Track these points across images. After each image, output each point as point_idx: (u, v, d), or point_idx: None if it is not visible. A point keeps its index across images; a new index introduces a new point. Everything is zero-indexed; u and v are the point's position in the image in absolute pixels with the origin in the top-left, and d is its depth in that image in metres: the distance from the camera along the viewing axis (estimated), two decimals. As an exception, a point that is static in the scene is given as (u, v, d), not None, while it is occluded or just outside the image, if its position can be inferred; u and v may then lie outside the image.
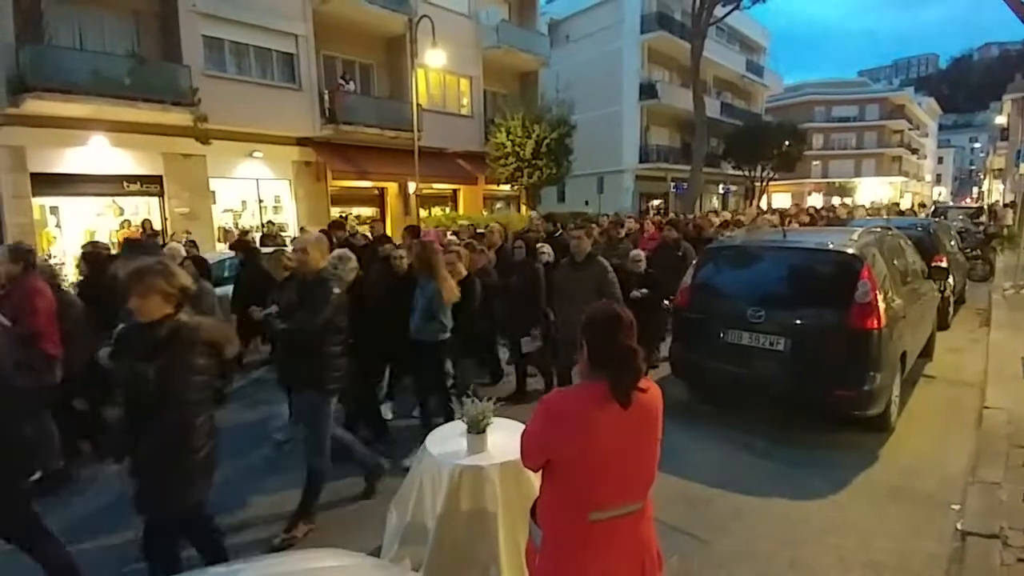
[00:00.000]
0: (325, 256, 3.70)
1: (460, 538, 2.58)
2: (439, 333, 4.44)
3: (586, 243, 5.12)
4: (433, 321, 4.39)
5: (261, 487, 4.16)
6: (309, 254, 3.53)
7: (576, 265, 5.06)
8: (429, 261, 4.45)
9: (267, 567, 1.93)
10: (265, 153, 15.22)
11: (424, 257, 4.52)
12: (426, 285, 4.41)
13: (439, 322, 4.40)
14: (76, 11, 12.33)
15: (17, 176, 11.56)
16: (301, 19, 15.16)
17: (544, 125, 17.45)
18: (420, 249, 4.65)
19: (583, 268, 5.00)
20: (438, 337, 4.44)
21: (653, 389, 1.79)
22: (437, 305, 4.36)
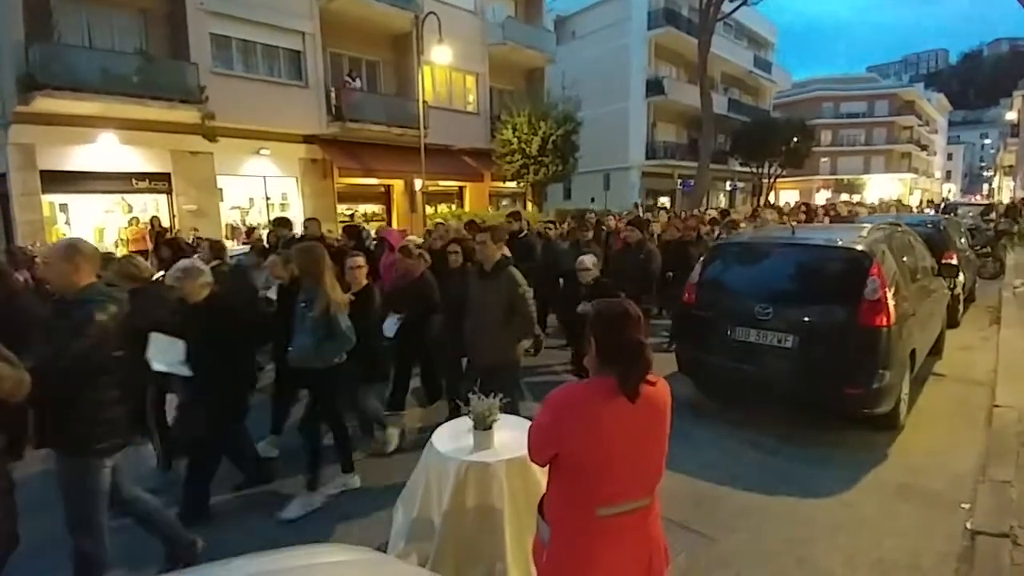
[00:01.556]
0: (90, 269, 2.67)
1: (466, 534, 2.59)
2: (333, 356, 3.70)
3: (493, 249, 4.18)
4: (326, 342, 3.63)
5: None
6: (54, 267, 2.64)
7: (484, 275, 4.19)
8: (313, 267, 3.72)
9: (273, 562, 1.94)
10: (272, 150, 15.28)
11: (308, 262, 3.77)
12: (313, 297, 3.67)
13: (335, 342, 3.65)
14: (85, 9, 12.42)
15: (27, 174, 11.67)
16: (308, 17, 15.19)
17: (550, 122, 17.43)
18: (301, 254, 3.89)
19: (491, 279, 4.13)
20: (332, 361, 3.70)
21: (662, 385, 1.79)
22: (335, 320, 3.62)
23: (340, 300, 3.72)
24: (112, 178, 12.92)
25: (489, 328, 4.00)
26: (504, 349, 4.08)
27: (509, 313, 4.00)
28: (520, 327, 4.07)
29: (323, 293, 3.62)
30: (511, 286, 4.04)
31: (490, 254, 4.17)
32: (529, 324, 4.04)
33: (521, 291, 4.04)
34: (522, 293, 4.04)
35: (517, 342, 4.19)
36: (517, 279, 4.05)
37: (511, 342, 4.11)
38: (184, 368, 3.46)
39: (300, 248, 4.06)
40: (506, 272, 4.10)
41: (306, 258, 3.80)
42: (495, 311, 4.00)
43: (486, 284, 4.13)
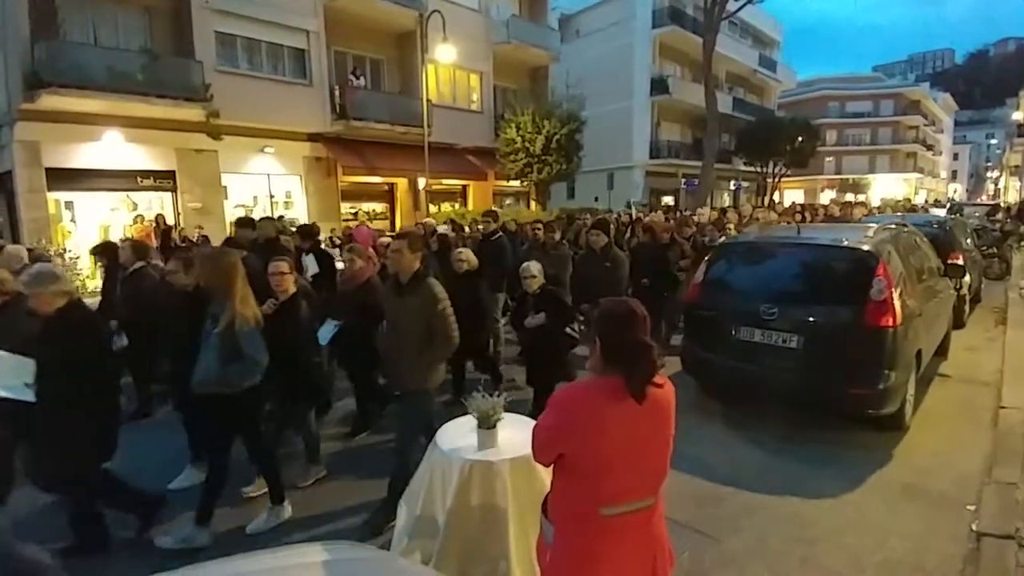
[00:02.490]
0: None
1: (470, 533, 2.59)
2: (241, 380, 3.18)
3: (409, 259, 3.56)
4: (232, 364, 3.14)
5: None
6: None
7: (400, 289, 3.60)
8: (219, 277, 3.23)
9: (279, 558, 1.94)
10: (276, 148, 15.30)
11: (212, 271, 3.28)
12: (220, 312, 3.21)
13: (242, 364, 3.15)
14: (90, 7, 12.45)
15: (32, 171, 11.72)
16: (312, 15, 15.20)
17: (554, 121, 17.40)
18: (205, 262, 3.41)
19: (408, 293, 3.54)
20: (240, 386, 3.18)
21: (667, 385, 1.78)
22: (241, 337, 3.13)
23: (249, 315, 3.22)
24: (117, 176, 12.95)
25: (404, 350, 3.50)
26: (417, 375, 3.51)
27: (428, 333, 3.47)
28: (437, 350, 3.52)
29: (229, 307, 3.17)
30: (429, 302, 3.46)
31: (405, 264, 3.56)
32: (448, 346, 3.50)
33: (440, 308, 3.47)
34: (441, 310, 3.47)
35: (432, 368, 3.57)
36: (436, 293, 3.48)
37: (426, 367, 3.52)
38: (29, 393, 2.94)
39: (205, 255, 3.61)
40: (424, 285, 3.51)
41: (211, 267, 3.30)
42: (411, 330, 3.48)
43: (402, 300, 3.55)
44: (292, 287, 4.01)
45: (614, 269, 5.71)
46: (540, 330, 4.69)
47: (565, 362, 4.80)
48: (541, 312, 4.68)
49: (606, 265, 5.71)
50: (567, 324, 4.70)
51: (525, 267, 4.83)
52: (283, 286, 3.97)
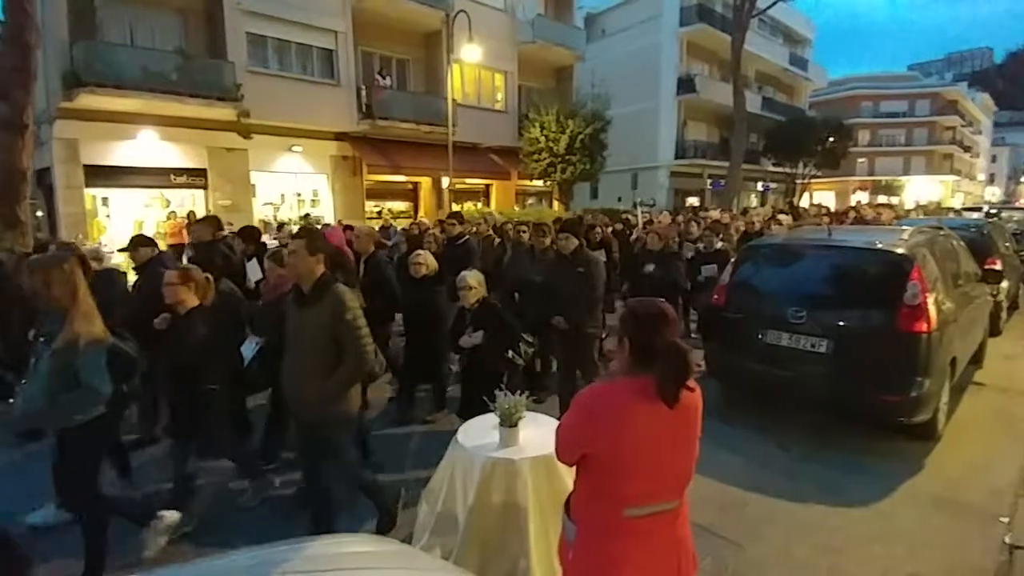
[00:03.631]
0: None
1: (491, 530, 2.60)
2: (74, 413, 2.70)
3: (308, 263, 2.96)
4: (65, 392, 2.65)
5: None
6: None
7: (302, 299, 3.03)
8: (53, 287, 2.71)
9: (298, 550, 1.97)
10: (304, 147, 15.55)
11: (45, 279, 2.73)
12: (59, 327, 2.69)
13: (78, 394, 2.65)
14: (127, 8, 12.83)
15: (71, 167, 12.12)
16: (341, 15, 15.41)
17: (578, 120, 17.33)
18: (36, 267, 2.88)
19: (311, 304, 2.97)
20: (73, 419, 2.71)
21: (696, 388, 1.77)
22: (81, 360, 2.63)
23: (95, 333, 2.71)
24: (151, 173, 13.33)
25: (308, 372, 2.95)
26: (325, 401, 2.92)
27: (335, 347, 2.90)
28: (348, 371, 2.92)
29: (68, 322, 2.67)
30: (335, 312, 2.88)
31: (304, 269, 2.97)
32: (360, 365, 2.93)
33: (350, 318, 2.89)
34: (351, 321, 2.89)
35: (343, 392, 2.97)
36: (344, 301, 2.91)
37: (335, 392, 2.92)
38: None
39: (35, 261, 3.12)
40: (329, 293, 2.93)
41: (44, 274, 2.73)
42: (316, 347, 2.93)
43: (304, 311, 2.98)
44: (192, 300, 3.53)
45: (589, 274, 4.77)
46: (476, 352, 3.99)
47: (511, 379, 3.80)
48: (479, 330, 3.97)
49: (578, 271, 4.77)
50: (508, 346, 3.92)
51: (460, 277, 4.09)
52: (175, 298, 3.48)
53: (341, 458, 3.10)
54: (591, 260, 4.91)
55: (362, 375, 3.03)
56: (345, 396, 3.02)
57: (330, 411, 2.96)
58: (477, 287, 4.08)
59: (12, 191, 7.92)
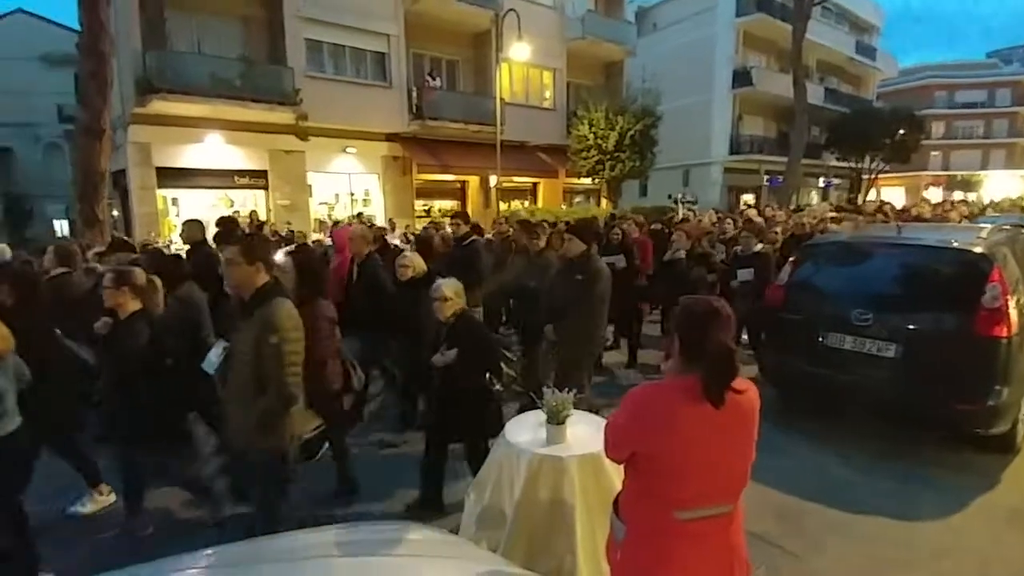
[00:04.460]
0: None
1: (537, 527, 2.59)
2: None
3: (245, 272, 2.65)
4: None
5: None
6: None
7: (243, 311, 2.71)
8: None
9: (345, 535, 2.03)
10: (357, 148, 15.98)
11: None
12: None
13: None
14: (194, 18, 13.52)
15: (144, 170, 12.91)
16: (393, 19, 15.74)
17: (628, 116, 17.06)
18: None
19: (246, 318, 2.66)
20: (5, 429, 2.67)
21: (750, 390, 1.72)
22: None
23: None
24: (216, 175, 14.03)
25: (233, 393, 2.68)
26: (250, 431, 2.60)
27: (260, 364, 2.57)
28: (268, 402, 2.56)
29: None
30: (262, 331, 2.54)
31: (240, 278, 2.65)
32: (280, 399, 2.56)
33: (275, 341, 2.50)
34: (275, 344, 2.51)
35: (268, 425, 2.59)
36: (274, 320, 2.53)
37: (259, 423, 2.58)
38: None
39: None
40: (264, 307, 2.58)
41: None
42: (244, 366, 2.61)
43: (240, 326, 2.68)
44: (131, 304, 3.29)
45: (588, 284, 4.29)
46: (450, 372, 3.42)
47: (479, 418, 3.44)
48: (454, 348, 3.42)
49: (577, 278, 4.30)
50: (485, 367, 3.42)
51: (435, 287, 3.56)
52: (113, 302, 3.27)
53: (265, 495, 2.74)
54: (594, 268, 4.37)
55: (283, 409, 2.59)
56: (271, 427, 2.60)
57: (255, 440, 2.61)
58: (454, 298, 3.47)
59: (92, 192, 8.50)
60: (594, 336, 4.43)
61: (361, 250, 5.09)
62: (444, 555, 1.85)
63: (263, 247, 2.79)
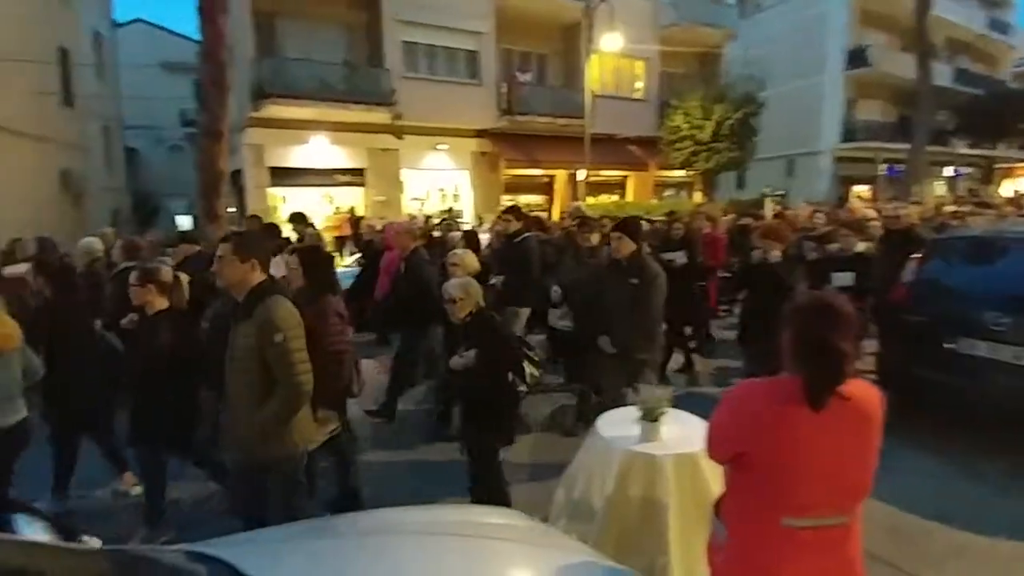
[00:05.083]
0: None
1: (628, 524, 2.55)
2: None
3: (239, 269, 2.52)
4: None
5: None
6: None
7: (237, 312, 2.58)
8: None
9: (445, 514, 2.09)
10: (448, 145, 16.44)
11: None
12: None
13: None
14: (302, 26, 14.50)
15: (258, 170, 14.06)
16: (484, 17, 16.00)
17: (726, 104, 16.24)
18: None
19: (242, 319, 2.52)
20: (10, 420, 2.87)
21: (870, 396, 1.59)
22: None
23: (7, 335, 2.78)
24: (320, 173, 15.01)
25: (235, 399, 2.56)
26: (255, 438, 2.48)
27: (268, 376, 2.44)
28: (280, 403, 2.44)
29: None
30: (264, 330, 2.41)
31: (233, 276, 2.53)
32: (293, 397, 2.44)
33: (279, 340, 2.39)
34: (280, 343, 2.39)
35: (276, 428, 2.47)
36: (274, 319, 2.41)
37: (265, 427, 2.45)
38: None
39: None
40: (263, 307, 2.45)
41: None
42: (245, 369, 2.48)
43: (237, 327, 2.54)
44: (158, 302, 3.31)
45: (644, 287, 3.92)
46: (470, 374, 3.27)
47: (502, 421, 3.27)
48: (473, 349, 3.26)
49: (631, 282, 3.95)
50: (506, 367, 3.25)
51: (444, 288, 3.45)
52: (139, 300, 3.32)
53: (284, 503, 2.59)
54: (647, 269, 3.99)
55: (297, 408, 2.49)
56: (279, 431, 2.48)
57: (261, 448, 2.49)
58: (464, 298, 3.30)
59: (212, 190, 9.32)
60: (654, 342, 4.07)
61: (406, 245, 5.10)
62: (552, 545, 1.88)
63: (259, 244, 2.64)
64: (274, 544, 1.91)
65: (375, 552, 1.78)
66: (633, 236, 4.04)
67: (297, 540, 1.92)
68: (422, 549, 1.76)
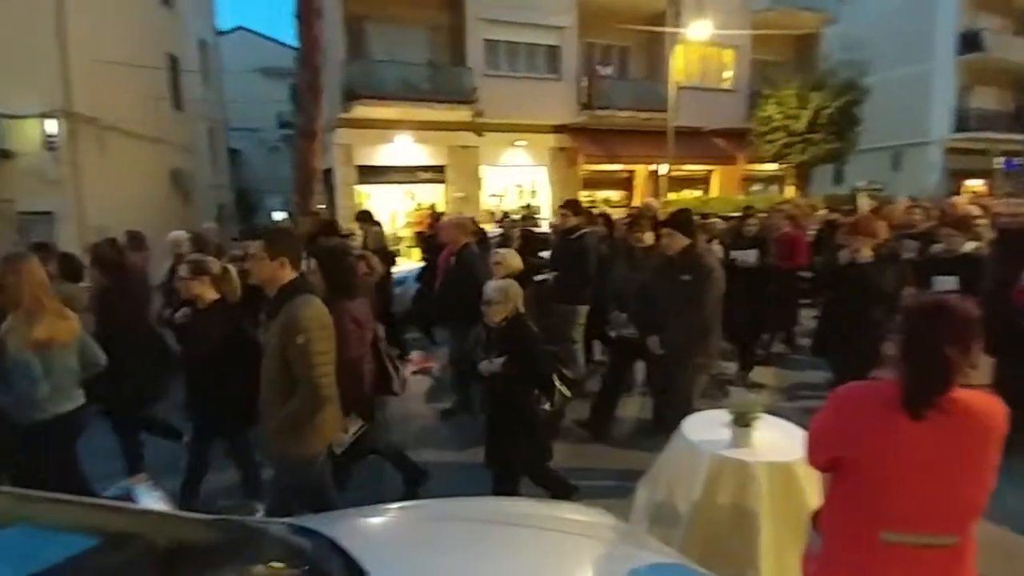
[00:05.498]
0: None
1: (716, 532, 2.46)
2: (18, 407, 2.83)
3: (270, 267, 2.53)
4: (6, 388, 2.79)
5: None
6: None
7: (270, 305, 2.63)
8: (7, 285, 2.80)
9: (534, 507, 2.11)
10: (526, 141, 16.51)
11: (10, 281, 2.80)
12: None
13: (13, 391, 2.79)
14: (389, 28, 15.04)
15: (347, 168, 14.77)
16: (567, 11, 15.90)
17: (825, 92, 15.20)
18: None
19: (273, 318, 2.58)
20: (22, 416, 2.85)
21: (989, 407, 1.47)
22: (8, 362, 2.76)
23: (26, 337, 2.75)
24: (403, 171, 15.55)
25: (264, 395, 2.60)
26: (279, 435, 2.52)
27: (289, 377, 2.46)
28: (299, 405, 2.45)
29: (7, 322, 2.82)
30: (287, 331, 2.43)
31: (264, 275, 2.56)
32: (312, 399, 2.45)
33: (301, 341, 2.39)
34: (302, 345, 2.39)
35: (298, 428, 2.50)
36: (299, 320, 2.42)
37: (287, 426, 2.49)
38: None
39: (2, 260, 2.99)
40: (289, 306, 2.47)
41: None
42: (271, 367, 2.53)
43: (269, 325, 2.62)
44: (209, 294, 3.34)
45: (697, 284, 3.66)
46: (498, 381, 3.18)
47: (532, 432, 3.15)
48: (503, 355, 3.14)
49: (683, 279, 3.69)
50: (533, 380, 3.12)
51: (485, 289, 3.32)
52: (191, 293, 3.37)
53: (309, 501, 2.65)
54: (701, 265, 3.71)
55: (315, 411, 2.49)
56: (301, 431, 2.51)
57: (285, 445, 2.53)
58: (502, 301, 3.18)
59: (307, 187, 9.88)
60: (706, 347, 3.74)
61: (457, 240, 5.04)
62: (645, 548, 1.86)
63: (289, 242, 2.63)
64: (370, 524, 2.00)
65: (470, 538, 1.83)
66: (685, 230, 3.80)
67: (391, 521, 2.00)
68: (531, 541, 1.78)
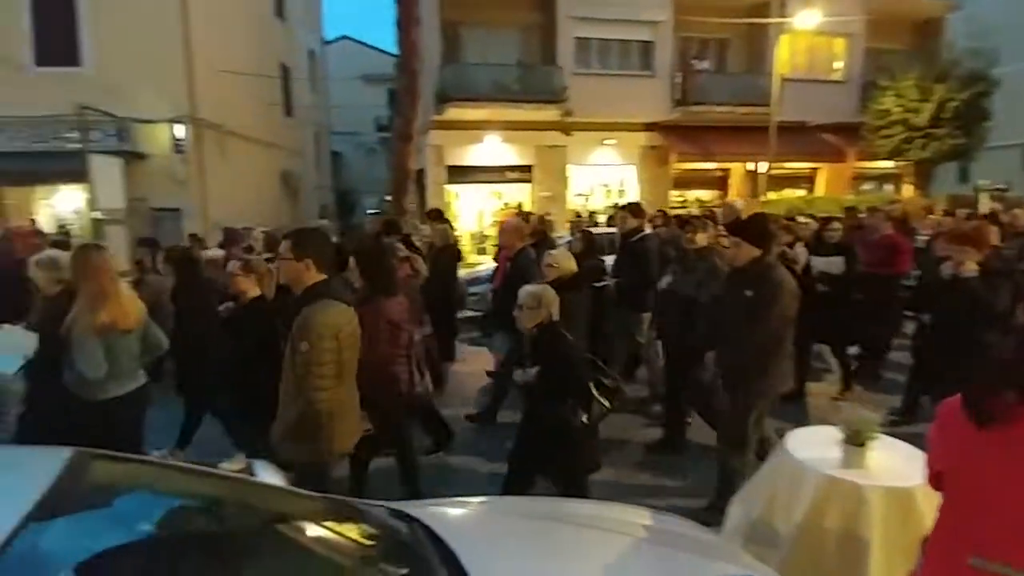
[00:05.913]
0: None
1: (821, 558, 2.26)
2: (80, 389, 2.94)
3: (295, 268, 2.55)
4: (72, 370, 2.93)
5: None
6: None
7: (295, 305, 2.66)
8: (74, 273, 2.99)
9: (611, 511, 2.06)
10: (616, 140, 16.23)
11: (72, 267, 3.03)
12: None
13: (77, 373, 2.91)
14: (482, 31, 15.34)
15: (438, 168, 15.23)
16: (663, 5, 15.44)
17: (950, 83, 13.73)
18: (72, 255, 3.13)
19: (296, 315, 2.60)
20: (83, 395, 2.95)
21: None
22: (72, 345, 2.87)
23: (91, 322, 2.86)
24: (491, 171, 15.82)
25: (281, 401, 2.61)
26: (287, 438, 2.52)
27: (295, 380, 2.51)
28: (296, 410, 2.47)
29: (74, 309, 2.93)
30: (296, 336, 2.46)
31: (291, 276, 2.55)
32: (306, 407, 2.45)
33: (304, 349, 2.40)
34: (304, 352, 2.41)
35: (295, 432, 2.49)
36: (310, 326, 2.41)
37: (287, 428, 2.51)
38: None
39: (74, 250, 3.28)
40: (305, 311, 2.47)
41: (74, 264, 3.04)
42: (286, 373, 2.57)
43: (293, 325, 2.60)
44: (253, 290, 3.52)
45: (761, 301, 3.21)
46: (533, 392, 3.04)
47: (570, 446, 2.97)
48: (537, 365, 2.99)
49: (746, 294, 3.27)
50: (567, 392, 2.93)
51: (520, 292, 3.16)
52: (236, 289, 3.56)
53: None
54: (767, 281, 3.24)
55: (308, 421, 2.47)
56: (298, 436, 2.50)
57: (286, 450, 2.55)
58: (535, 307, 3.01)
59: (402, 187, 10.33)
60: (768, 372, 3.29)
61: (513, 243, 4.99)
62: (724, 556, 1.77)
63: (316, 243, 2.60)
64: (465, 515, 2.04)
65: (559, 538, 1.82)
66: (755, 240, 3.32)
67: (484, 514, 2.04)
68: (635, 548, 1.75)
